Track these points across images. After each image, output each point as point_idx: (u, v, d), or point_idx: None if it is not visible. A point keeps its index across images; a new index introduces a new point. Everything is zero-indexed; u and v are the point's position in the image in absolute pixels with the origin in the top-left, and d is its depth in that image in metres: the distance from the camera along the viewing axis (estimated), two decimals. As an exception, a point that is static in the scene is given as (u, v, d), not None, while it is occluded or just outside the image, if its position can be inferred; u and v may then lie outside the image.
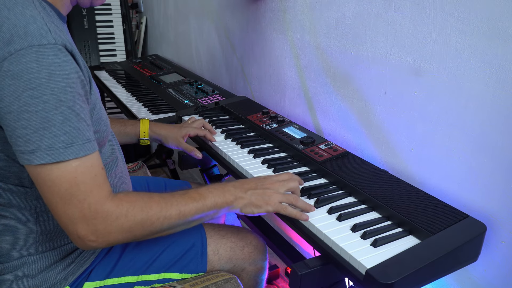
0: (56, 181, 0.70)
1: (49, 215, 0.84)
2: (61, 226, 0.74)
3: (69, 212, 0.71)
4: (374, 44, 1.10)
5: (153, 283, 0.95)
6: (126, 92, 1.95)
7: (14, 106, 0.67)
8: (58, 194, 0.70)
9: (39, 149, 0.68)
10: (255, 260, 1.06)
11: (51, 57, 0.67)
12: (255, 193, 0.89)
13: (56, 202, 0.71)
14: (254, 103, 1.56)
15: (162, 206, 0.79)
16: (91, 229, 0.72)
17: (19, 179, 0.80)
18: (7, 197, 0.81)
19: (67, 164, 0.69)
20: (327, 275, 0.82)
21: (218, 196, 0.86)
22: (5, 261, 0.85)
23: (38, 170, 0.69)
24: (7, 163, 0.77)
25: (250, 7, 1.61)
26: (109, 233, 0.74)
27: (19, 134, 0.68)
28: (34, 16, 0.69)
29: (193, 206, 0.82)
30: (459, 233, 0.80)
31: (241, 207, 0.88)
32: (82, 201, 0.71)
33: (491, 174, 0.87)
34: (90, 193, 0.72)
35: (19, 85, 0.66)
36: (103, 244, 0.75)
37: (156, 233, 0.81)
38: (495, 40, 0.82)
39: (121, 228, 0.75)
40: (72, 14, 2.63)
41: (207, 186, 0.89)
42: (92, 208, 0.72)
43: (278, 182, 0.91)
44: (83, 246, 0.75)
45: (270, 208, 0.88)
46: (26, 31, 0.67)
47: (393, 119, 1.08)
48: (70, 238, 0.74)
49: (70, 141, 0.69)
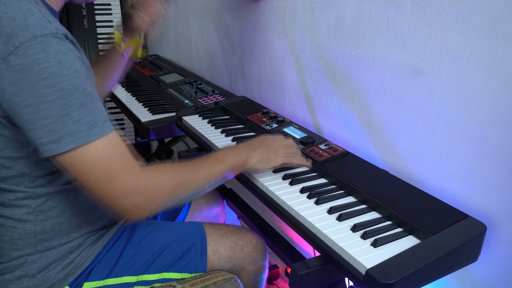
0: (89, 164, 0.72)
1: (47, 215, 0.84)
2: (106, 205, 0.77)
3: (109, 190, 0.74)
4: (374, 44, 1.10)
5: (153, 283, 0.95)
6: (126, 92, 1.95)
7: (30, 99, 0.67)
8: (95, 175, 0.73)
9: (66, 135, 0.69)
10: (255, 259, 1.06)
11: (55, 45, 0.68)
12: (263, 151, 0.98)
13: (95, 184, 0.74)
14: (254, 103, 1.56)
15: (192, 170, 0.86)
16: (134, 201, 0.76)
17: (20, 178, 0.80)
18: (7, 196, 0.81)
19: (94, 145, 0.72)
20: (327, 275, 0.82)
21: (234, 157, 0.93)
22: (4, 261, 0.85)
23: (68, 156, 0.71)
24: (11, 161, 0.78)
25: (250, 7, 1.61)
26: (152, 201, 0.79)
27: (40, 125, 0.69)
28: (31, 9, 0.70)
29: (218, 167, 0.90)
30: (459, 233, 0.80)
31: (253, 164, 0.96)
32: (118, 177, 0.74)
33: (491, 174, 0.87)
34: (124, 167, 0.76)
35: (31, 77, 0.67)
36: (149, 212, 0.80)
37: (190, 196, 0.89)
38: (495, 40, 0.82)
39: (160, 194, 0.80)
40: (72, 14, 2.63)
41: (221, 150, 0.96)
42: (129, 181, 0.76)
43: (278, 139, 1.04)
44: (132, 218, 0.79)
45: (278, 160, 0.99)
46: (27, 23, 0.68)
47: (393, 119, 1.08)
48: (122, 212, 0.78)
49: (93, 122, 0.71)
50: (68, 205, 0.87)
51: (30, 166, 0.79)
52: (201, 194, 0.91)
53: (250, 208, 1.43)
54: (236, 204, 1.43)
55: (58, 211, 0.86)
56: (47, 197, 0.84)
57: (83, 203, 0.89)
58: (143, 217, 0.80)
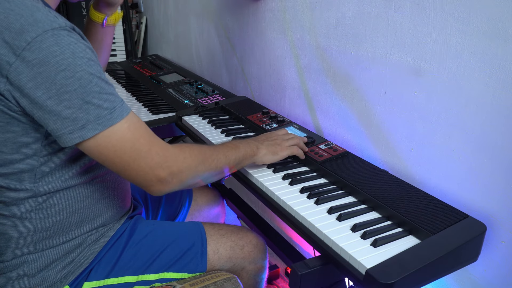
0: (119, 144, 0.76)
1: (47, 213, 0.85)
2: (139, 181, 0.80)
3: (142, 164, 0.78)
4: (374, 44, 1.10)
5: (153, 283, 0.95)
6: (126, 92, 1.95)
7: (52, 91, 0.70)
8: (126, 154, 0.76)
9: (88, 122, 0.72)
10: (255, 259, 1.06)
11: (66, 37, 0.71)
12: (269, 144, 1.05)
13: (127, 162, 0.77)
14: (254, 103, 1.56)
15: (212, 151, 0.91)
16: (167, 171, 0.80)
17: (26, 175, 0.80)
18: (9, 195, 0.81)
19: (119, 126, 0.75)
20: (327, 275, 0.82)
21: (246, 146, 1.00)
22: (4, 260, 0.85)
23: (96, 141, 0.74)
24: (18, 156, 0.79)
25: (250, 7, 1.61)
26: (181, 172, 0.83)
27: (65, 115, 0.71)
28: (35, 5, 0.71)
29: (233, 152, 0.95)
30: (459, 233, 0.80)
31: (262, 155, 1.02)
32: (149, 151, 0.78)
33: (491, 174, 0.87)
34: (152, 142, 0.79)
35: (50, 70, 0.69)
36: (177, 184, 0.83)
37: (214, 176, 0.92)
38: (495, 40, 0.82)
39: (189, 167, 0.84)
40: (72, 14, 2.63)
41: (235, 140, 1.03)
42: (160, 154, 0.80)
43: (281, 134, 1.11)
44: (162, 190, 0.82)
45: (284, 153, 1.05)
46: (35, 19, 0.69)
47: (393, 119, 1.08)
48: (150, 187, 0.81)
49: (112, 106, 0.75)
50: (68, 203, 0.87)
51: (37, 161, 0.80)
52: (219, 177, 0.95)
53: (250, 208, 1.43)
54: (236, 204, 1.43)
55: (58, 209, 0.86)
56: (48, 195, 0.84)
57: (83, 201, 0.89)
58: (171, 190, 0.83)
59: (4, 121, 0.75)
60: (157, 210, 1.25)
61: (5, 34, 0.68)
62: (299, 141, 1.11)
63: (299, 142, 1.11)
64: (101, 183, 0.92)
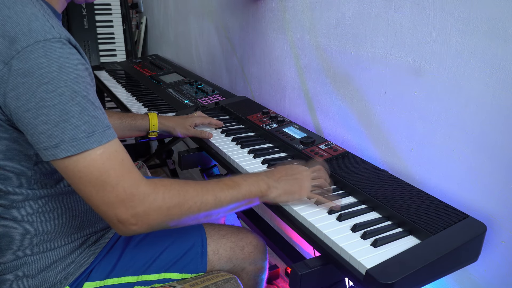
0: (86, 171, 0.70)
1: (48, 216, 0.84)
2: (100, 214, 0.73)
3: (105, 198, 0.71)
4: (374, 44, 1.10)
5: (153, 283, 0.95)
6: (126, 92, 1.95)
7: (31, 103, 0.67)
8: (91, 183, 0.70)
9: (62, 142, 0.68)
10: (255, 260, 1.06)
11: (58, 50, 0.68)
12: (287, 182, 0.90)
13: (91, 192, 0.71)
14: (254, 103, 1.56)
15: (198, 191, 0.79)
16: (131, 212, 0.72)
17: (21, 180, 0.80)
18: (8, 198, 0.81)
19: (92, 153, 0.70)
20: (327, 275, 0.82)
21: (252, 184, 0.85)
22: (5, 261, 0.85)
23: (65, 163, 0.69)
24: (12, 164, 0.78)
25: (250, 7, 1.61)
26: (149, 215, 0.73)
27: (41, 130, 0.68)
28: (35, 14, 0.70)
29: (228, 193, 0.82)
30: (459, 233, 0.80)
31: (275, 196, 0.88)
32: (115, 186, 0.71)
33: (491, 174, 0.87)
34: (122, 177, 0.72)
35: (32, 81, 0.66)
36: (144, 227, 0.74)
37: (194, 219, 0.80)
38: (495, 40, 0.82)
39: (159, 211, 0.74)
40: (72, 14, 2.63)
41: (240, 175, 0.89)
42: (127, 191, 0.72)
43: (304, 169, 0.94)
44: (124, 232, 0.74)
45: (304, 194, 0.90)
46: (30, 28, 0.68)
47: (393, 119, 1.08)
48: (111, 225, 0.74)
49: (91, 130, 0.70)
50: (69, 207, 0.87)
51: (31, 168, 0.79)
52: (206, 220, 0.84)
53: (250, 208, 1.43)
54: (236, 204, 1.43)
55: (59, 213, 0.86)
56: (48, 199, 0.84)
57: (84, 205, 0.89)
58: (135, 233, 0.74)
59: None
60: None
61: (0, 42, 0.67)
62: (324, 183, 0.95)
63: (325, 183, 0.95)
64: None
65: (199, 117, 1.33)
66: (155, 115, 1.31)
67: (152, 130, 1.29)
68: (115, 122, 1.24)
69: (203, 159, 1.34)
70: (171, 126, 1.30)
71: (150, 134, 1.31)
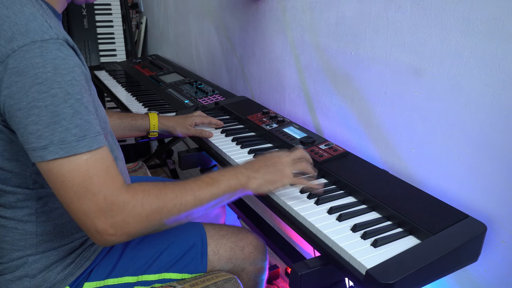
0: (69, 176, 0.68)
1: (49, 216, 0.84)
2: (78, 222, 0.72)
3: (84, 206, 0.69)
4: (374, 44, 1.10)
5: (153, 283, 0.95)
6: (126, 92, 1.95)
7: (23, 103, 0.66)
8: (72, 189, 0.69)
9: (51, 144, 0.67)
10: (255, 260, 1.06)
11: (54, 51, 0.68)
12: (267, 171, 0.89)
13: (71, 198, 0.69)
14: (254, 103, 1.56)
15: (177, 193, 0.78)
16: (109, 222, 0.70)
17: (21, 179, 0.80)
18: (8, 198, 0.81)
19: (78, 158, 0.68)
20: (327, 275, 0.82)
21: (231, 179, 0.85)
22: (5, 261, 0.85)
23: (50, 166, 0.68)
24: (10, 163, 0.77)
25: (250, 7, 1.61)
26: (128, 224, 0.72)
27: (31, 130, 0.67)
28: (33, 14, 0.70)
29: (207, 191, 0.81)
30: (459, 233, 0.80)
31: (256, 187, 0.88)
32: (96, 194, 0.69)
33: (491, 174, 0.87)
34: (104, 185, 0.70)
35: (26, 81, 0.66)
36: (123, 237, 0.73)
37: (175, 221, 0.79)
38: (495, 40, 0.82)
39: (139, 218, 0.73)
40: (72, 14, 2.63)
41: (218, 170, 0.88)
42: (107, 200, 0.70)
43: (283, 155, 0.94)
44: (102, 242, 0.72)
45: (285, 181, 0.90)
46: (28, 28, 0.67)
47: (393, 119, 1.08)
48: (88, 234, 0.72)
49: (82, 134, 0.69)
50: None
51: (29, 168, 0.79)
52: (192, 218, 0.83)
53: (250, 208, 1.43)
54: (236, 204, 1.43)
55: (59, 213, 0.86)
56: (48, 199, 0.84)
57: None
58: (114, 243, 0.73)
59: None
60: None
61: None
62: (306, 166, 0.95)
63: (307, 167, 0.95)
64: None
65: (199, 116, 1.34)
66: (155, 115, 1.31)
67: (152, 130, 1.30)
68: (115, 122, 1.24)
69: (203, 159, 1.34)
70: (171, 125, 1.31)
71: (151, 134, 1.31)
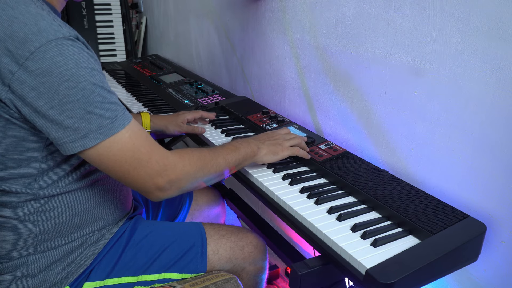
0: (120, 153, 0.76)
1: (49, 215, 0.85)
2: (138, 188, 0.81)
3: (142, 173, 0.79)
4: (374, 44, 1.10)
5: (153, 283, 0.95)
6: (126, 92, 1.95)
7: (55, 101, 0.70)
8: (127, 163, 0.77)
9: (90, 131, 0.73)
10: (255, 260, 1.06)
11: (70, 47, 0.71)
12: (270, 143, 1.06)
13: (128, 171, 0.78)
14: (254, 103, 1.56)
15: (212, 156, 0.91)
16: (166, 179, 0.81)
17: (25, 179, 0.80)
18: (10, 198, 0.81)
19: (121, 135, 0.76)
20: (327, 275, 0.82)
21: (247, 147, 1.00)
22: (5, 261, 0.85)
23: (97, 150, 0.75)
24: (19, 162, 0.78)
25: (250, 7, 1.61)
26: (180, 180, 0.84)
27: (67, 124, 0.72)
28: (40, 13, 0.71)
29: (233, 155, 0.96)
30: (459, 233, 0.80)
31: (262, 155, 1.03)
32: (149, 160, 0.79)
33: (491, 174, 0.87)
34: (152, 151, 0.80)
35: (53, 80, 0.69)
36: (176, 191, 0.84)
37: (211, 179, 0.93)
38: (495, 40, 0.82)
39: (187, 175, 0.85)
40: (73, 14, 2.63)
41: (235, 141, 1.03)
42: (160, 162, 0.80)
43: (283, 133, 1.12)
44: (160, 197, 0.83)
45: (286, 153, 1.06)
46: (39, 28, 0.69)
47: (393, 119, 1.08)
48: (147, 194, 0.82)
49: (114, 115, 0.75)
50: (69, 206, 0.87)
51: (38, 167, 0.80)
52: (219, 179, 0.97)
53: (250, 208, 1.43)
54: (236, 204, 1.43)
55: (59, 212, 0.86)
56: (48, 198, 0.84)
57: (84, 203, 0.89)
58: (168, 197, 0.84)
59: (5, 126, 0.75)
60: (157, 210, 1.25)
61: (8, 43, 0.68)
62: (300, 141, 1.10)
63: (301, 142, 1.10)
64: (102, 186, 0.92)
65: (190, 112, 1.35)
66: (147, 114, 1.31)
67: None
68: None
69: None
70: (163, 124, 1.32)
71: None
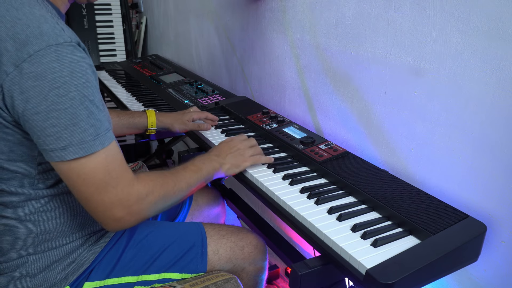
0: (91, 173, 0.73)
1: (49, 215, 0.85)
2: (96, 214, 0.78)
3: (105, 199, 0.75)
4: (374, 44, 1.10)
5: (153, 283, 0.95)
6: (126, 92, 1.95)
7: (42, 106, 0.69)
8: (94, 185, 0.74)
9: (71, 144, 0.71)
10: (255, 260, 1.06)
11: (69, 55, 0.70)
12: (232, 156, 1.04)
13: (92, 193, 0.75)
14: (254, 103, 1.56)
15: (175, 181, 0.89)
16: (127, 210, 0.78)
17: (24, 180, 0.80)
18: (10, 198, 0.81)
19: (97, 155, 0.73)
20: (327, 275, 0.82)
21: (209, 165, 0.99)
22: (5, 260, 0.85)
23: (71, 165, 0.72)
24: (15, 164, 0.78)
25: (250, 7, 1.61)
26: (142, 210, 0.81)
27: (49, 132, 0.70)
28: (44, 16, 0.70)
29: (195, 177, 0.95)
30: (459, 233, 0.80)
31: (225, 170, 1.03)
32: (115, 186, 0.76)
33: (491, 174, 0.87)
34: (121, 177, 0.77)
35: (44, 85, 0.68)
36: (137, 221, 0.82)
37: (172, 204, 0.91)
38: (495, 40, 0.82)
39: (150, 204, 0.82)
40: (72, 14, 2.63)
41: (197, 159, 1.01)
42: (125, 191, 0.77)
43: (241, 142, 1.09)
44: (117, 228, 0.81)
45: (247, 163, 1.06)
46: (41, 31, 0.68)
47: (393, 119, 1.08)
48: (104, 224, 0.79)
49: (96, 133, 0.73)
50: (70, 206, 0.87)
51: (34, 169, 0.80)
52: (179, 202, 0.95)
53: (250, 208, 1.43)
54: (236, 204, 1.43)
55: (60, 212, 0.86)
56: (49, 198, 0.84)
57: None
58: (127, 227, 0.82)
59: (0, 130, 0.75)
60: (157, 210, 1.25)
61: (9, 43, 0.68)
62: (260, 150, 1.10)
63: (260, 149, 1.10)
64: None
65: (196, 112, 1.35)
66: (153, 112, 1.31)
67: (150, 128, 1.30)
68: (113, 120, 1.24)
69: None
70: (169, 122, 1.31)
71: (149, 132, 1.31)
